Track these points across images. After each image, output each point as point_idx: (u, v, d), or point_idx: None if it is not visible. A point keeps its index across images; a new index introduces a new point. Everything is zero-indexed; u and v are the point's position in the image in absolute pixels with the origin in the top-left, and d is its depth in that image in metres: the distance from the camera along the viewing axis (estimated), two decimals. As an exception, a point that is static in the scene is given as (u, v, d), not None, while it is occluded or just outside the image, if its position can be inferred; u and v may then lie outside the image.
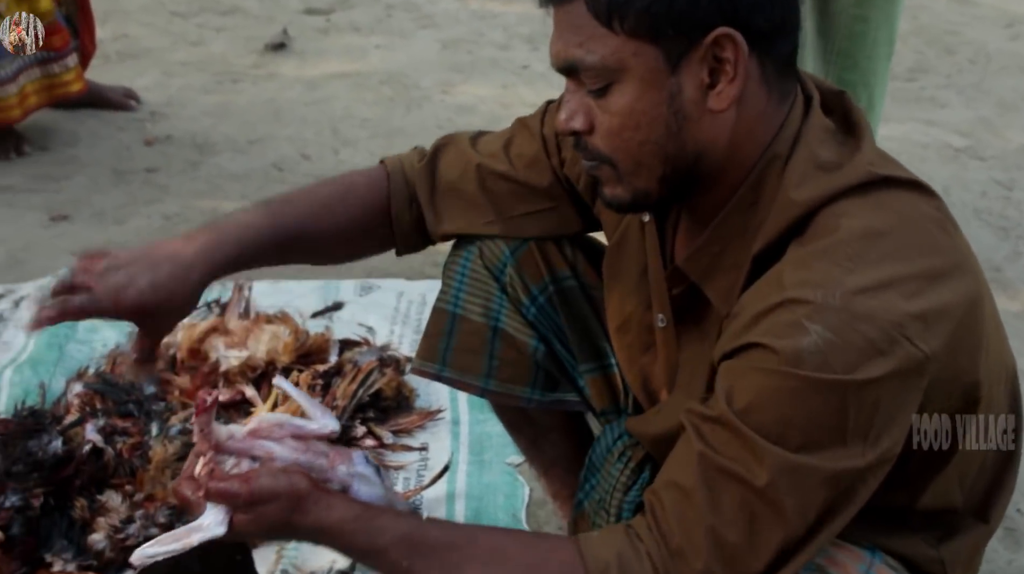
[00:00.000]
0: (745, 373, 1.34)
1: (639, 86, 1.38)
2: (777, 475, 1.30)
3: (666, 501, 1.37)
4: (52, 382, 2.99)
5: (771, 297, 1.34)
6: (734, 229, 1.46)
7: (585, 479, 1.86)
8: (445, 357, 1.93)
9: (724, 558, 1.32)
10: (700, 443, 1.35)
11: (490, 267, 1.88)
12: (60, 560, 2.33)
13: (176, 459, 2.51)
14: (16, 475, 2.38)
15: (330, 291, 3.54)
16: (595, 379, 1.93)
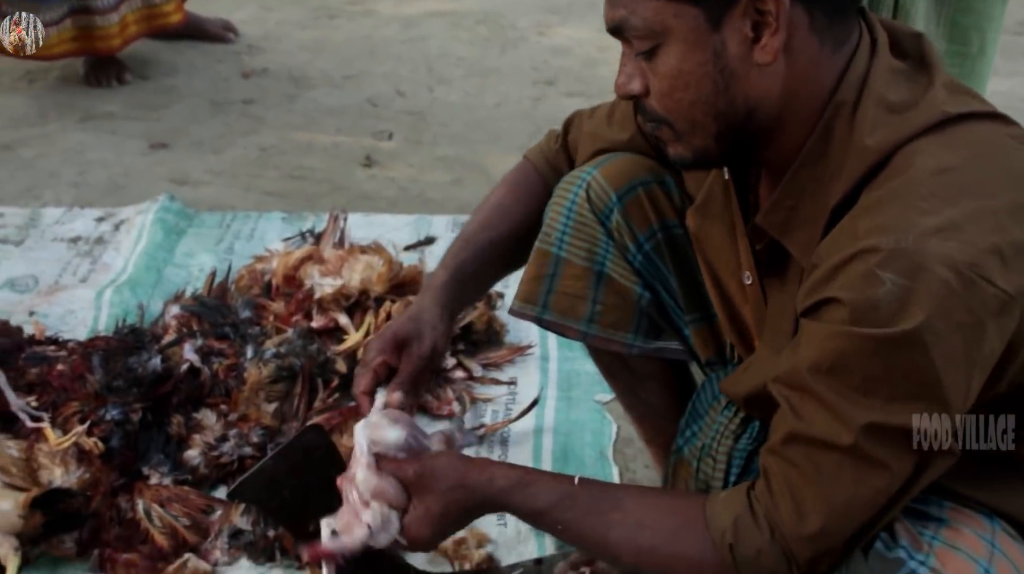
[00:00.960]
0: (823, 334, 1.31)
1: (683, 47, 1.37)
2: (862, 435, 1.28)
3: (775, 468, 1.37)
4: (150, 303, 3.06)
5: (845, 248, 1.30)
6: (807, 181, 1.43)
7: (686, 425, 1.83)
8: (547, 300, 1.91)
9: (834, 518, 1.32)
10: (792, 416, 1.34)
11: (596, 211, 1.84)
12: (157, 473, 2.39)
13: (270, 382, 2.55)
14: (116, 390, 2.44)
15: (423, 225, 3.55)
16: (700, 329, 1.89)
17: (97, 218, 3.63)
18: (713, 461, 1.71)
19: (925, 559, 1.34)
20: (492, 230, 1.91)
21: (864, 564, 1.35)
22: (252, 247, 3.41)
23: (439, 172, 4.02)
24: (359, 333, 2.76)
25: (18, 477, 2.21)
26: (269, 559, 2.24)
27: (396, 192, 3.87)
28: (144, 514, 2.28)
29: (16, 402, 2.37)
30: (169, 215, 3.54)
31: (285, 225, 3.58)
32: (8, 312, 3.00)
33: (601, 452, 2.55)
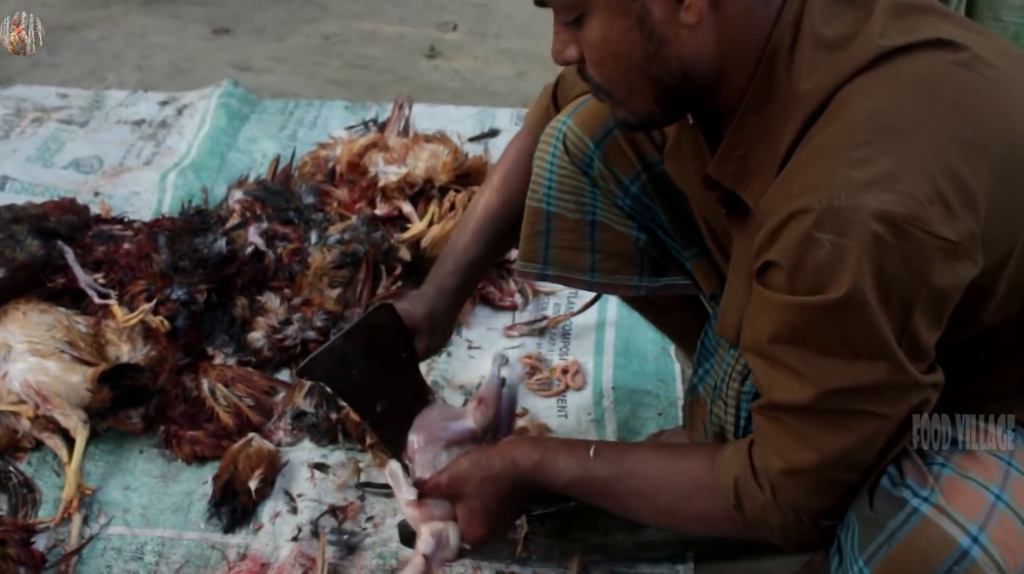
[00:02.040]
0: (773, 305, 1.27)
1: (606, 16, 1.31)
2: (834, 397, 1.26)
3: (764, 427, 1.35)
4: (214, 188, 3.06)
5: (782, 207, 1.24)
6: (754, 130, 1.36)
7: (698, 363, 1.79)
8: (547, 256, 1.88)
9: (826, 472, 1.31)
10: (766, 386, 1.33)
11: (577, 162, 1.78)
12: (221, 354, 2.41)
13: (333, 267, 2.55)
14: (182, 270, 2.45)
15: (486, 118, 3.51)
16: (701, 264, 1.83)
17: (160, 102, 3.62)
18: (724, 404, 1.67)
19: (929, 495, 1.29)
20: (499, 220, 1.89)
21: (868, 506, 1.32)
22: (315, 135, 3.39)
23: (503, 65, 3.97)
24: (423, 222, 2.75)
25: (86, 352, 2.23)
26: (332, 441, 2.26)
27: (460, 84, 3.82)
28: (209, 393, 2.31)
29: (84, 278, 2.38)
30: (232, 101, 3.53)
31: (348, 114, 3.55)
32: (74, 192, 3.02)
33: (663, 348, 2.54)
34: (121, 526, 2.08)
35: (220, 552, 2.02)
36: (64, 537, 2.04)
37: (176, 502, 2.14)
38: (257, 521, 2.09)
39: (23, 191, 3.05)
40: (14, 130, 3.42)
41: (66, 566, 1.97)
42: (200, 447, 2.22)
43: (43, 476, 2.18)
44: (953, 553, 1.25)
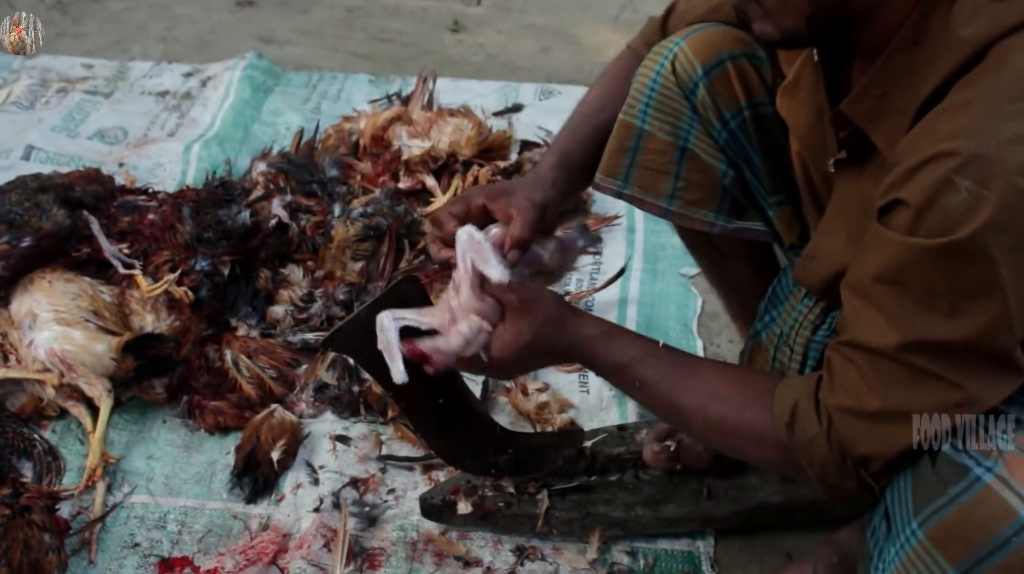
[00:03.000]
0: (889, 243, 1.25)
1: None
2: (919, 350, 1.24)
3: (838, 364, 1.34)
4: (237, 160, 3.06)
5: (925, 148, 1.22)
6: (898, 70, 1.33)
7: (765, 310, 1.78)
8: (628, 174, 1.83)
9: (887, 422, 1.29)
10: (854, 323, 1.31)
11: (682, 84, 1.74)
12: (244, 325, 2.42)
13: (357, 240, 2.55)
14: (206, 241, 2.46)
15: (510, 92, 3.50)
16: (784, 212, 1.81)
17: (185, 73, 3.62)
18: (790, 350, 1.66)
19: (993, 466, 1.27)
20: (596, 117, 1.83)
21: (931, 468, 1.31)
22: (339, 108, 3.39)
23: (528, 40, 3.95)
24: (446, 196, 2.75)
25: (111, 321, 2.25)
26: (353, 414, 2.27)
27: (483, 58, 3.80)
28: (232, 364, 2.31)
29: (109, 248, 2.39)
30: (256, 73, 3.53)
31: (372, 87, 3.55)
32: (98, 162, 3.03)
33: (685, 325, 2.53)
34: (144, 495, 2.09)
35: (242, 522, 2.03)
36: (88, 505, 2.05)
37: (199, 472, 2.15)
38: (279, 492, 2.10)
39: (48, 161, 3.07)
40: (39, 100, 3.43)
41: (90, 533, 1.98)
42: (223, 417, 2.23)
43: (67, 444, 2.20)
44: (1013, 524, 1.24)
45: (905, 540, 1.32)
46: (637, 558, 1.96)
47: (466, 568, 1.94)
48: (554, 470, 2.00)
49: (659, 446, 2.01)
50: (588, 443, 2.06)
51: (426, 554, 1.97)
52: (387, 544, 1.98)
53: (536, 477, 2.00)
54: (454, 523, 2.00)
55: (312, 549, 1.96)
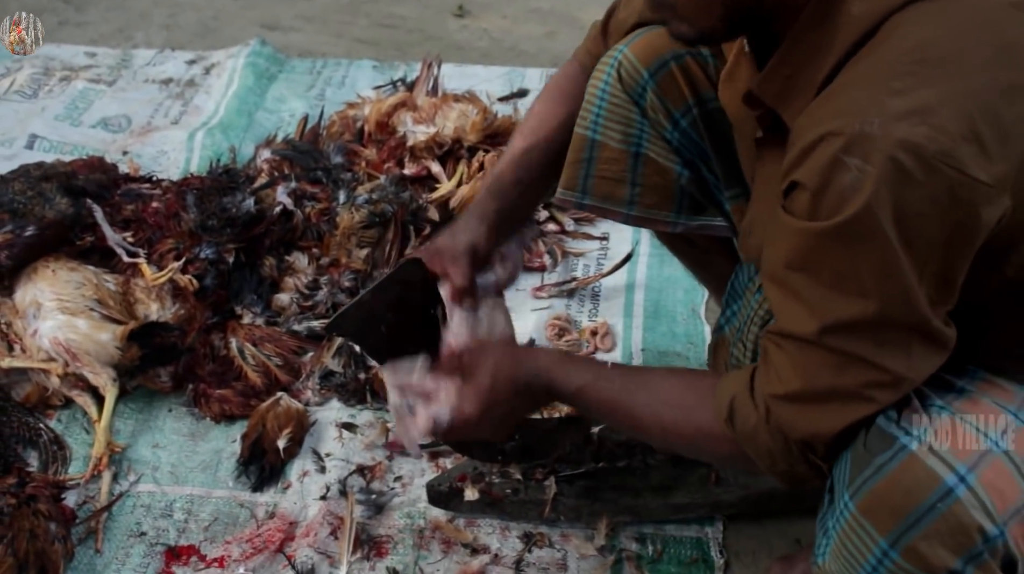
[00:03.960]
0: (791, 230, 1.25)
1: None
2: (835, 332, 1.24)
3: (770, 351, 1.34)
4: (242, 147, 3.05)
5: (815, 128, 1.22)
6: (805, 49, 1.32)
7: (727, 305, 1.80)
8: (585, 185, 1.84)
9: (817, 406, 1.30)
10: (776, 312, 1.33)
11: (629, 91, 1.75)
12: (249, 313, 2.41)
13: (362, 227, 2.53)
14: (210, 229, 2.44)
15: (515, 77, 3.48)
16: (739, 205, 1.80)
17: (188, 61, 3.61)
18: (743, 346, 1.66)
19: (920, 434, 1.27)
20: (531, 136, 1.84)
21: (862, 444, 1.30)
22: (343, 94, 3.37)
23: (533, 24, 3.93)
24: (451, 182, 2.73)
25: (115, 310, 2.24)
26: (360, 401, 2.26)
27: (488, 43, 3.78)
28: (237, 352, 2.31)
29: (113, 237, 2.38)
30: (260, 60, 3.51)
31: (376, 73, 3.53)
32: (102, 151, 3.02)
33: (693, 310, 2.52)
34: (150, 483, 2.09)
35: (248, 510, 2.03)
36: (94, 494, 2.05)
37: (205, 460, 2.14)
38: (285, 480, 2.09)
39: (52, 149, 3.06)
40: (42, 89, 3.42)
41: (96, 522, 1.98)
42: (229, 406, 2.23)
43: (73, 433, 2.19)
44: (937, 490, 1.24)
45: (839, 513, 1.33)
46: (645, 544, 1.95)
47: (473, 555, 1.93)
48: (561, 457, 2.00)
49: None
50: (595, 429, 2.05)
51: (433, 541, 1.96)
52: (394, 531, 1.97)
53: (543, 464, 2.00)
54: (461, 510, 1.99)
55: (319, 537, 1.95)
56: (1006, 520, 1.27)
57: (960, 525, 1.26)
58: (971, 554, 1.27)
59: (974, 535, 1.26)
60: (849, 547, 1.32)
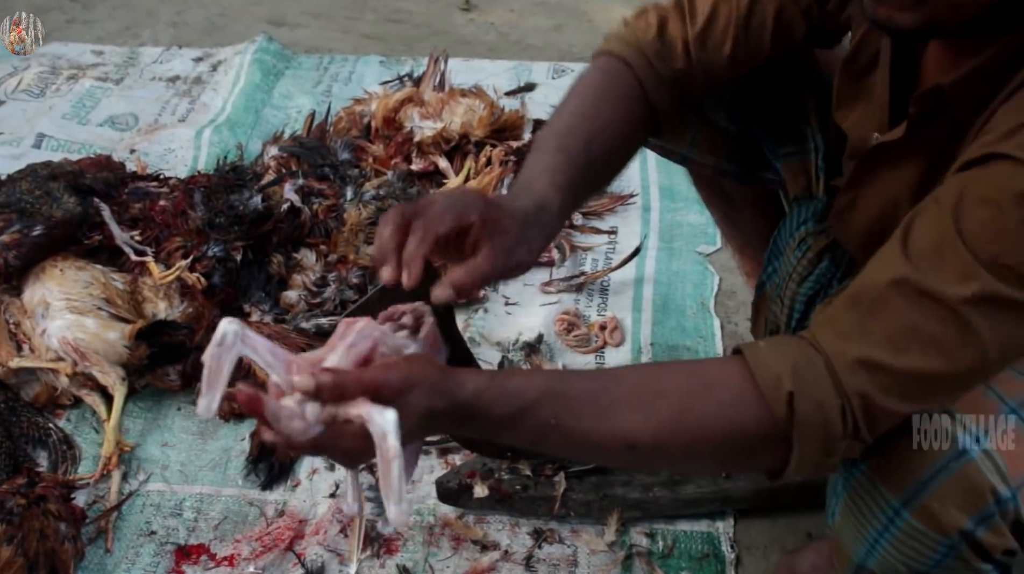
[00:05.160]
0: (983, 188, 1.15)
1: None
2: (978, 301, 1.14)
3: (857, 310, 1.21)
4: (249, 144, 3.05)
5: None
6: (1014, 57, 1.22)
7: (768, 262, 1.78)
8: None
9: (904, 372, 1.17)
10: (905, 263, 1.17)
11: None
12: (257, 311, 2.40)
13: (369, 223, 2.53)
14: (218, 227, 2.44)
15: (523, 72, 3.47)
16: (791, 164, 1.79)
17: (195, 58, 3.60)
18: (781, 302, 1.64)
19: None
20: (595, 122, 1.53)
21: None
22: (350, 90, 3.37)
23: (540, 17, 3.91)
24: (459, 177, 2.72)
25: (124, 309, 2.23)
26: (368, 398, 2.25)
27: (495, 37, 3.77)
28: (246, 349, 2.30)
29: (121, 235, 2.38)
30: (267, 56, 3.51)
31: (383, 68, 3.52)
32: (109, 149, 3.02)
33: (702, 303, 2.51)
34: (160, 482, 2.09)
35: (258, 508, 2.02)
36: (104, 493, 2.05)
37: (214, 459, 2.14)
38: (294, 478, 2.09)
39: (59, 148, 3.06)
40: (50, 87, 3.42)
41: (106, 522, 1.98)
42: (237, 404, 2.21)
43: (82, 433, 2.19)
44: (951, 450, 1.23)
45: (851, 473, 1.31)
46: (656, 540, 1.94)
47: (483, 551, 1.92)
48: (571, 452, 1.99)
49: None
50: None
51: (443, 538, 1.95)
52: (404, 529, 1.97)
53: (553, 459, 1.99)
54: (471, 507, 1.98)
55: (329, 535, 1.95)
56: (1020, 484, 1.27)
57: (972, 485, 1.25)
58: (983, 514, 1.27)
59: (987, 495, 1.26)
60: (861, 506, 1.31)
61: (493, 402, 1.21)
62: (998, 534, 1.28)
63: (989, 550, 1.29)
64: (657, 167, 2.95)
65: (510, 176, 2.70)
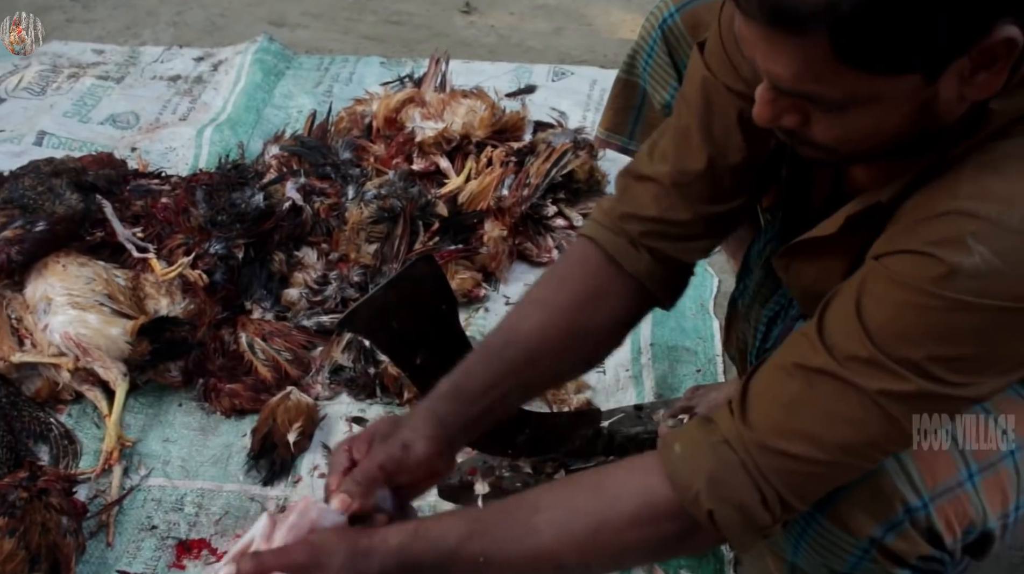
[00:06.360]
0: (890, 283, 1.16)
1: (890, 105, 1.13)
2: (890, 394, 1.17)
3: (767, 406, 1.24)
4: (250, 143, 3.05)
5: (939, 204, 1.14)
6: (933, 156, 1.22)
7: (739, 279, 1.75)
8: (634, 130, 1.86)
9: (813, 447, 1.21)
10: (825, 355, 1.19)
11: (673, 56, 1.77)
12: (259, 308, 2.41)
13: (371, 222, 2.53)
14: (220, 224, 2.45)
15: (523, 74, 3.48)
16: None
17: (196, 58, 3.61)
18: (748, 322, 1.65)
19: None
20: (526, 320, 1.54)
21: None
22: (350, 90, 3.37)
23: (539, 20, 3.93)
24: (460, 177, 2.73)
25: (126, 305, 2.24)
26: (369, 395, 2.26)
27: (495, 40, 3.78)
28: (247, 347, 2.31)
29: (123, 232, 2.39)
30: (268, 56, 3.51)
31: (383, 70, 3.53)
32: (110, 147, 3.02)
33: (702, 305, 2.52)
34: (161, 478, 2.09)
35: (259, 504, 2.03)
36: (105, 488, 2.05)
37: (215, 454, 2.14)
38: (296, 474, 2.09)
39: (60, 146, 3.06)
40: (50, 86, 3.42)
41: (107, 516, 1.98)
42: (239, 400, 2.23)
43: (83, 428, 2.20)
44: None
45: (805, 524, 1.33)
46: (656, 538, 1.95)
47: (484, 549, 1.92)
48: (571, 450, 2.00)
49: (673, 421, 2.00)
50: (605, 423, 2.05)
51: (444, 535, 1.96)
52: (405, 525, 1.97)
53: (553, 457, 2.00)
54: (472, 503, 1.99)
55: (330, 531, 1.95)
56: (935, 494, 1.29)
57: (882, 493, 1.28)
58: (891, 523, 1.30)
59: (896, 505, 1.29)
60: None
61: (421, 553, 1.27)
62: (909, 541, 1.31)
63: (902, 556, 1.32)
64: (657, 169, 2.96)
65: (511, 177, 2.71)
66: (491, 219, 2.62)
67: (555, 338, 1.51)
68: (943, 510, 1.30)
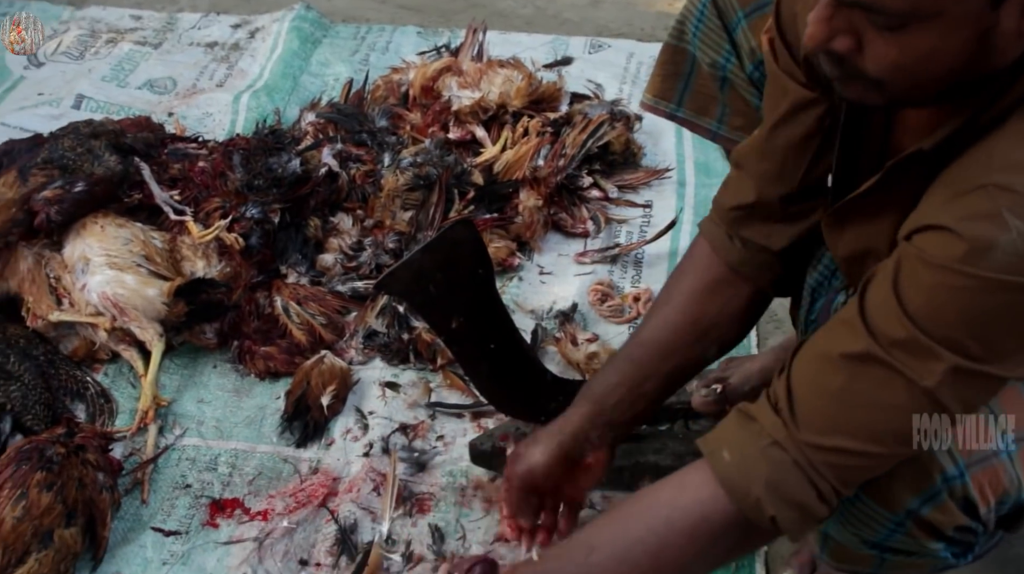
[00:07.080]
0: (923, 265, 1.16)
1: (950, 27, 1.10)
2: (947, 381, 1.16)
3: (814, 401, 1.26)
4: (286, 110, 3.06)
5: (975, 176, 1.13)
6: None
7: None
8: (682, 98, 1.86)
9: (861, 437, 1.23)
10: (868, 339, 1.20)
11: (724, 20, 1.76)
12: (294, 272, 2.42)
13: (407, 190, 2.53)
14: (257, 188, 2.46)
15: (560, 46, 3.47)
16: None
17: (233, 24, 3.61)
18: (804, 291, 1.65)
19: None
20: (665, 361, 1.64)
21: None
22: (387, 59, 3.37)
23: (577, -8, 3.91)
24: (496, 147, 2.73)
25: (162, 267, 2.26)
26: (403, 361, 2.27)
27: (532, 11, 3.77)
28: (282, 310, 2.32)
29: (160, 194, 2.40)
30: (305, 24, 3.51)
31: (420, 39, 3.53)
32: (148, 111, 3.03)
33: (736, 278, 2.50)
34: (195, 437, 2.11)
35: (292, 465, 2.05)
36: (140, 446, 2.07)
37: (249, 416, 2.16)
38: (329, 436, 2.10)
39: (99, 110, 3.08)
40: (89, 50, 3.43)
41: (142, 474, 2.00)
42: (273, 363, 2.24)
43: (119, 387, 2.22)
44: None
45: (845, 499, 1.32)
46: (687, 507, 1.95)
47: (515, 514, 1.93)
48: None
49: (706, 390, 2.00)
50: (638, 391, 2.05)
51: (475, 500, 1.97)
52: (436, 489, 1.98)
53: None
54: (503, 470, 1.99)
55: (362, 493, 1.97)
56: (970, 463, 1.29)
57: (919, 462, 1.28)
58: (929, 493, 1.30)
59: (934, 475, 1.28)
60: None
61: None
62: (946, 512, 1.31)
63: (938, 527, 1.32)
64: (693, 143, 2.95)
65: (546, 147, 2.70)
66: (526, 189, 2.62)
67: (680, 331, 1.61)
68: (978, 479, 1.30)
